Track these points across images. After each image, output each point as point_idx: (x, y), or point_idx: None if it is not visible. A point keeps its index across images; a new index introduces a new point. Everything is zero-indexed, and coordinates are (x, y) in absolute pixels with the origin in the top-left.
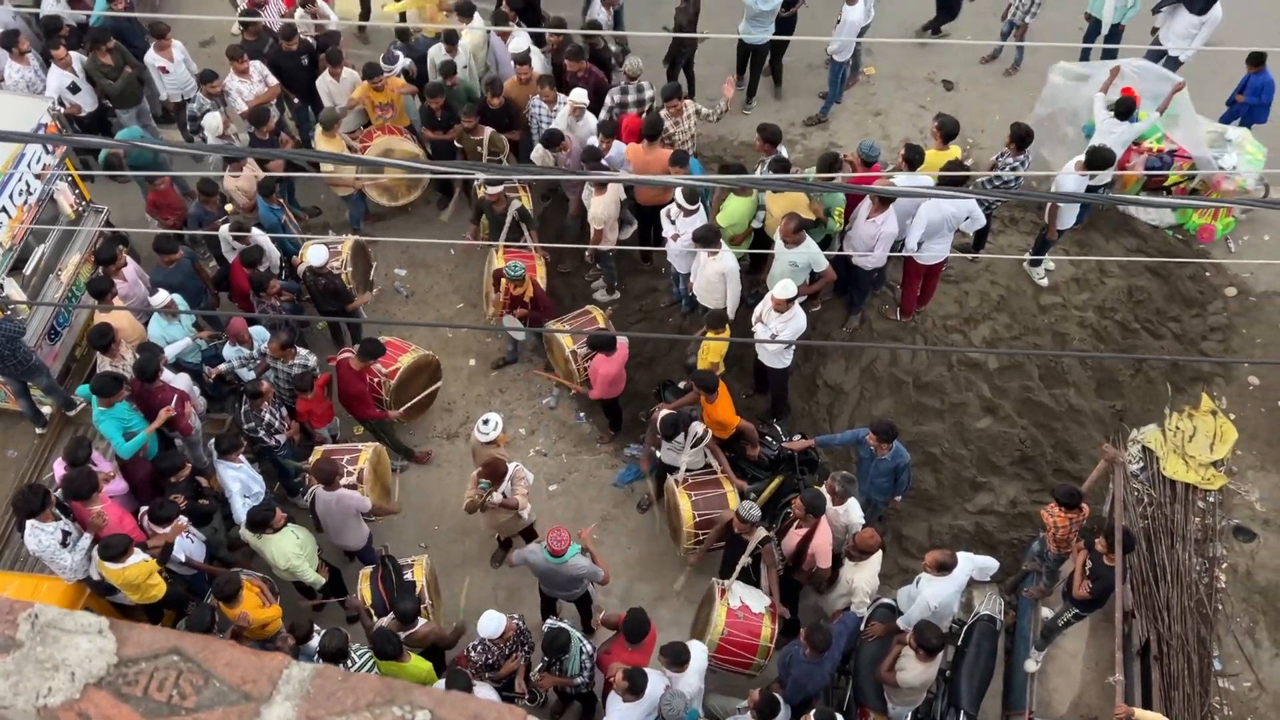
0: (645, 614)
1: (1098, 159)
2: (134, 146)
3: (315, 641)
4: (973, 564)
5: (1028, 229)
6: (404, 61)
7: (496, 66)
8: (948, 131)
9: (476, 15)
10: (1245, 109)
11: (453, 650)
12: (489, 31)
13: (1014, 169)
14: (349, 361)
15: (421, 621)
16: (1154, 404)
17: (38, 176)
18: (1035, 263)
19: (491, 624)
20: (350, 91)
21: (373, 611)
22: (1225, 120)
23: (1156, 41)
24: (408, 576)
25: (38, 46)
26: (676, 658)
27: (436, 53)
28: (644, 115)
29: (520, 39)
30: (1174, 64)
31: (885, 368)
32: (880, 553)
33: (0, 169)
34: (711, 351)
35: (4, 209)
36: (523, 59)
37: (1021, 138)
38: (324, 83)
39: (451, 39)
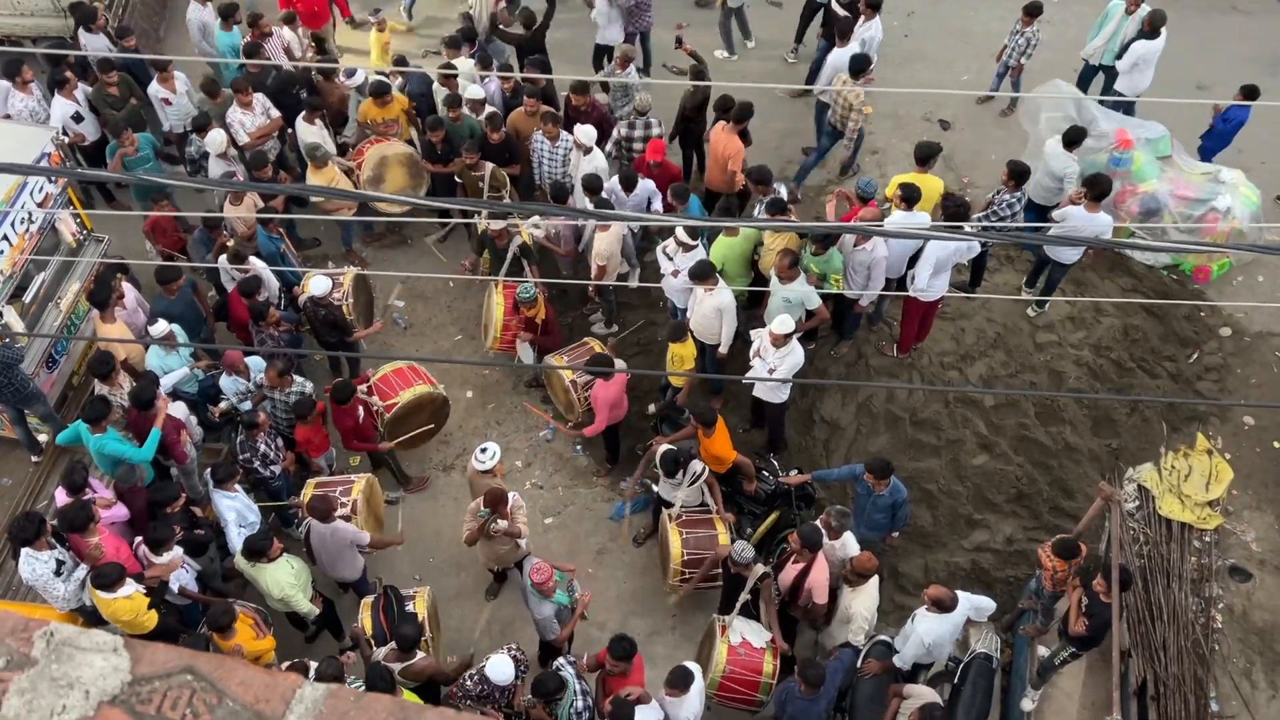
0: (628, 637)
1: (1099, 189)
2: (138, 180)
3: (309, 676)
4: (970, 604)
5: (1023, 267)
6: (361, 74)
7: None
8: (920, 155)
9: (464, 52)
10: (1212, 135)
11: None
12: (477, 67)
13: (1011, 205)
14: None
15: (420, 654)
16: (1150, 443)
17: (40, 205)
18: (1033, 285)
19: (502, 671)
20: (320, 136)
21: (373, 641)
22: (1205, 149)
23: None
24: (409, 608)
25: (42, 77)
26: (679, 681)
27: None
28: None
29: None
30: (1130, 108)
31: (882, 404)
32: (878, 579)
33: (3, 198)
34: (681, 361)
35: (5, 237)
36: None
37: (1018, 174)
38: (306, 132)
39: (448, 75)
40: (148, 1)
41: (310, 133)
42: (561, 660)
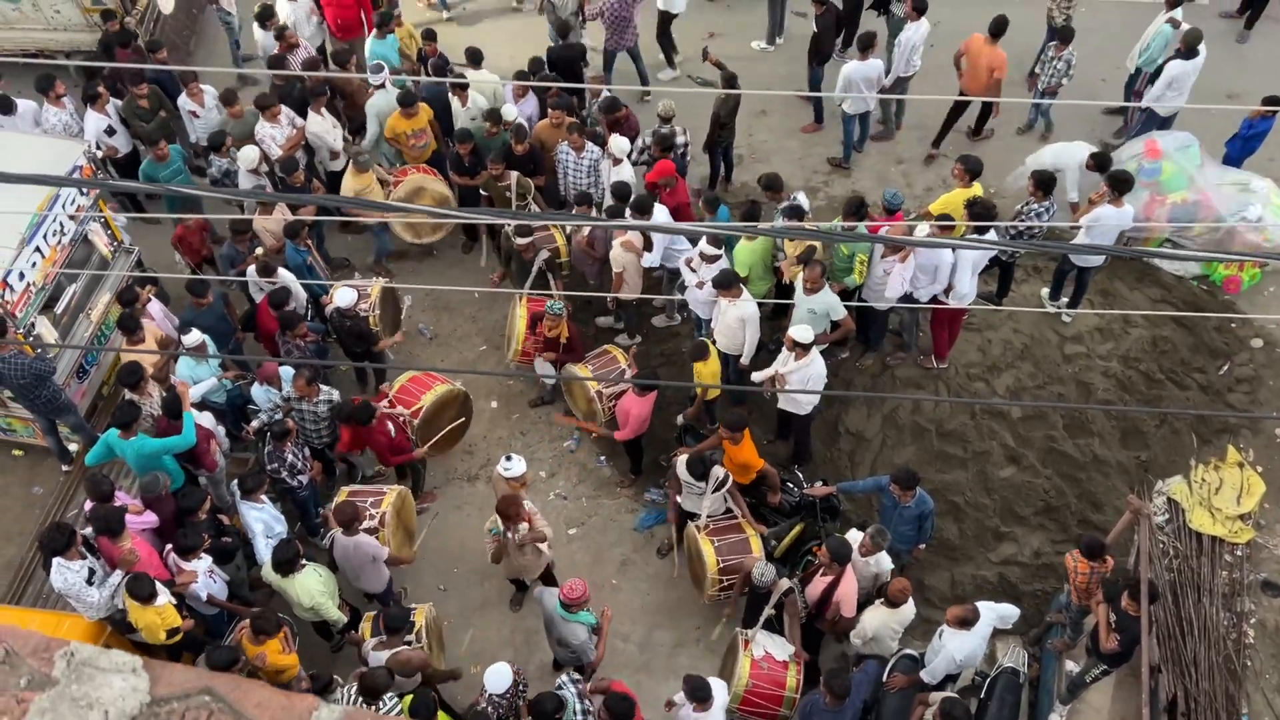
0: (629, 699)
1: (1122, 184)
2: (167, 191)
3: (338, 694)
4: (994, 614)
5: (1051, 278)
6: (386, 73)
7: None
8: (971, 169)
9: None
10: (1233, 140)
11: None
12: (501, 82)
13: (1039, 215)
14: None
15: (407, 646)
16: (1179, 455)
17: (72, 217)
18: (1056, 297)
19: (498, 678)
20: (329, 125)
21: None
22: (1229, 157)
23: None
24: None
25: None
26: (696, 693)
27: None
28: (674, 142)
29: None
30: (1167, 122)
31: (908, 415)
32: (905, 606)
33: (35, 210)
34: (704, 378)
35: (38, 249)
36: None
37: (1045, 184)
38: (314, 121)
39: (462, 87)
40: (178, 17)
41: (317, 123)
42: (563, 679)
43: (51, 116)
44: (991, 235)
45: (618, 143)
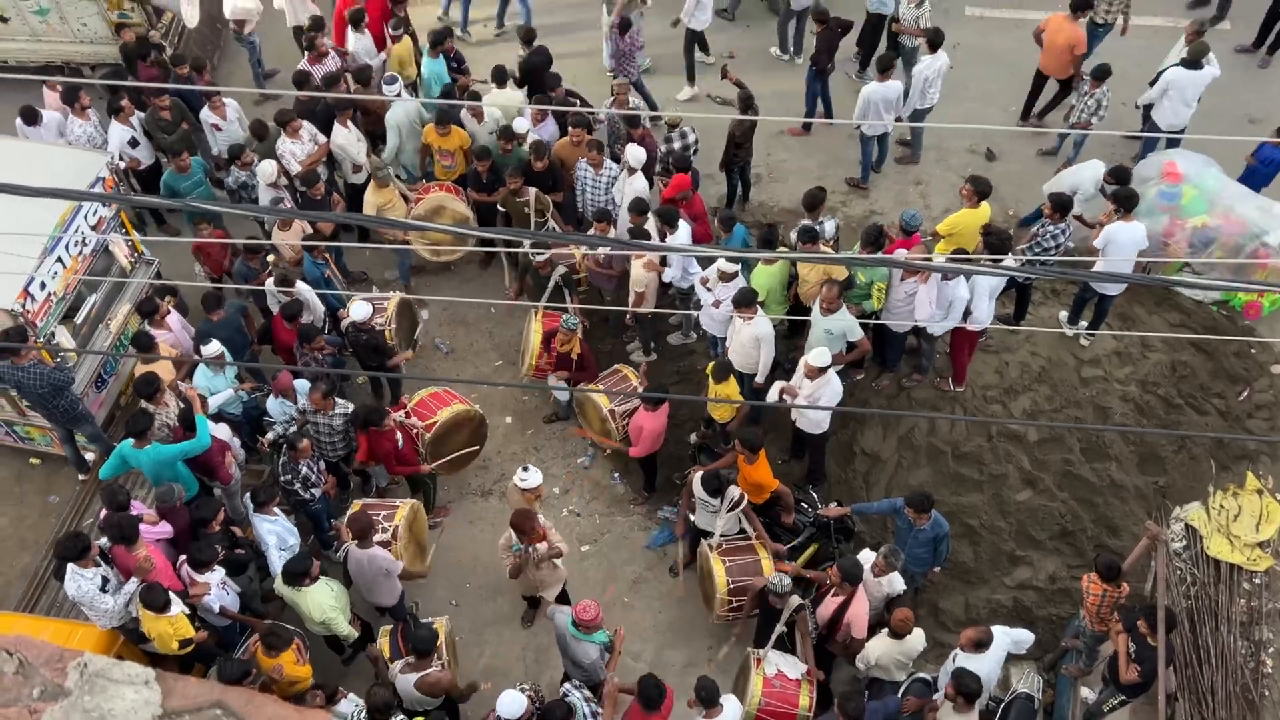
0: (659, 680)
1: (1128, 201)
2: (187, 208)
3: (343, 705)
4: (1009, 638)
5: (1069, 300)
6: (400, 84)
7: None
8: (980, 190)
9: (510, 84)
10: (1249, 172)
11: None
12: (523, 103)
13: (1055, 237)
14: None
15: (435, 666)
16: (1198, 481)
17: (93, 228)
18: (1075, 321)
19: (512, 705)
20: (353, 138)
21: (390, 664)
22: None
23: (1153, 127)
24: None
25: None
26: (703, 695)
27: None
28: (690, 159)
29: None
30: (1177, 142)
31: (924, 436)
32: (911, 638)
33: (58, 221)
34: (725, 394)
35: (60, 259)
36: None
37: (1062, 206)
38: (339, 134)
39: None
40: (202, 32)
41: (343, 135)
42: (568, 686)
43: (76, 128)
44: (1008, 262)
45: (634, 152)
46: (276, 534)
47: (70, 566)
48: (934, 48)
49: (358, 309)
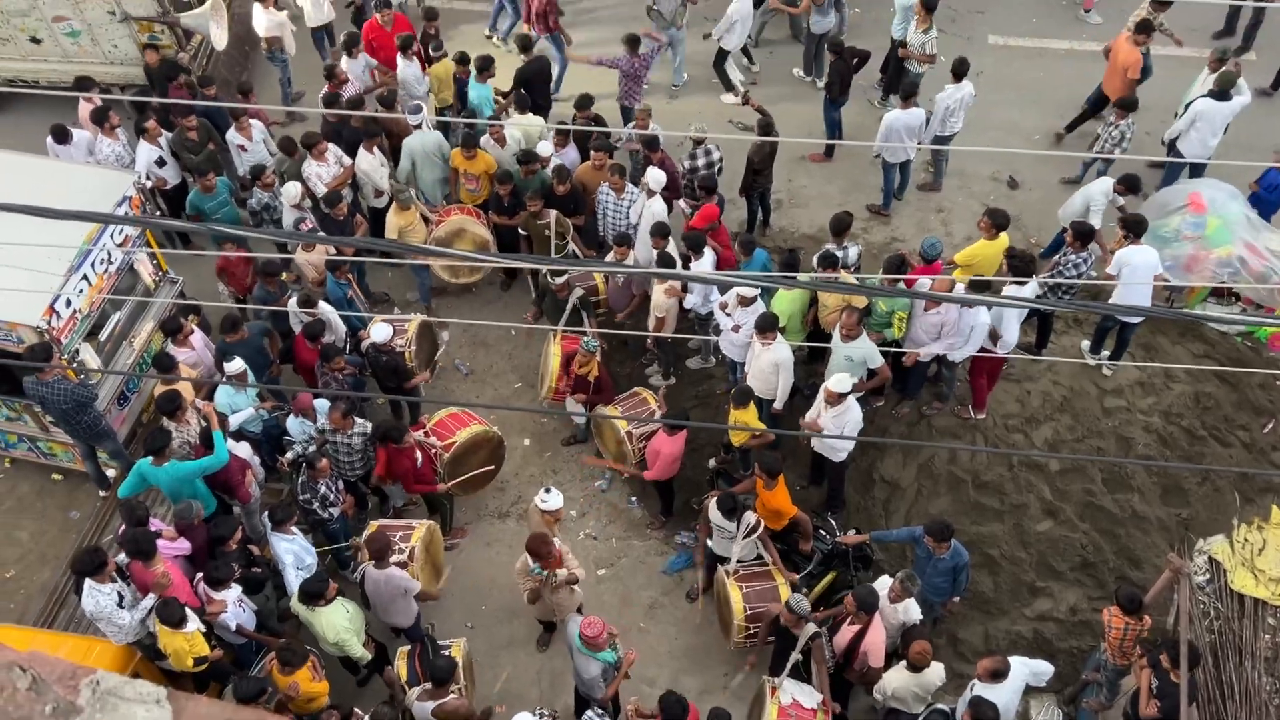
0: (680, 695)
1: (1138, 227)
2: (211, 230)
3: None
4: (1028, 669)
5: (1092, 329)
6: (424, 113)
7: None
8: (998, 222)
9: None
10: (1254, 200)
11: None
12: (545, 126)
13: (1077, 266)
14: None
15: (453, 695)
16: (1222, 514)
17: (119, 246)
18: (1097, 350)
19: None
20: (377, 164)
21: (406, 687)
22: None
23: (1177, 156)
24: (445, 654)
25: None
26: None
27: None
28: (715, 177)
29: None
30: (1201, 171)
31: (944, 465)
32: (930, 671)
33: (85, 238)
34: (744, 420)
35: (85, 277)
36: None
37: (1084, 234)
38: (364, 159)
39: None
40: (230, 54)
41: (367, 160)
42: (590, 714)
43: (105, 147)
44: (1032, 285)
45: (654, 175)
46: (294, 553)
47: (87, 582)
48: (958, 76)
49: (378, 330)
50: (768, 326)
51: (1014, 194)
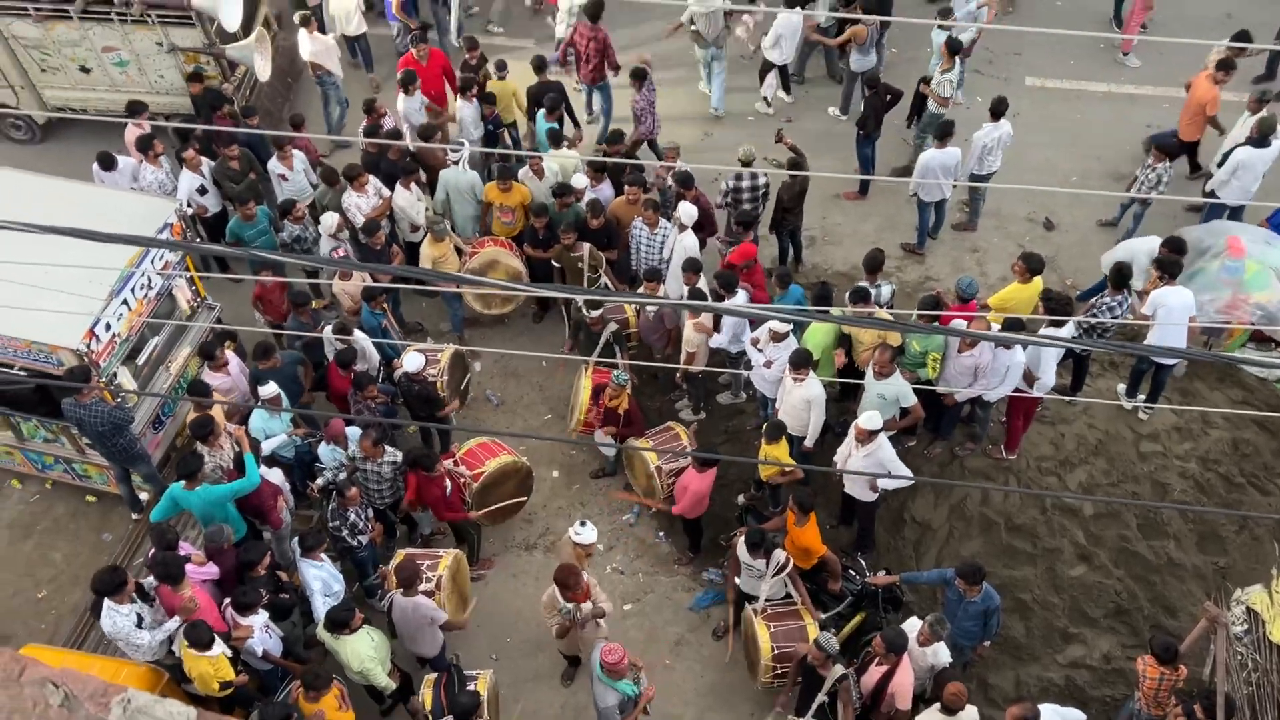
0: None
1: (1173, 268)
2: (250, 256)
3: None
4: (1059, 717)
5: (1127, 372)
6: (466, 150)
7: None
8: (1032, 266)
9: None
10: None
11: None
12: (579, 159)
13: (1112, 309)
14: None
15: None
16: (1260, 563)
17: (159, 272)
18: (1133, 394)
19: None
20: (414, 200)
21: (431, 717)
22: None
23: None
24: (471, 687)
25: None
26: None
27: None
28: (759, 203)
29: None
30: (1238, 214)
31: (976, 506)
32: (964, 714)
33: (126, 263)
34: (775, 457)
35: (125, 302)
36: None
37: (1121, 277)
38: (400, 196)
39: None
40: (273, 85)
41: (404, 197)
42: None
43: (148, 174)
44: (1069, 327)
45: (685, 209)
46: (322, 579)
47: (106, 602)
48: (996, 116)
49: (411, 360)
50: (801, 362)
51: (1050, 235)
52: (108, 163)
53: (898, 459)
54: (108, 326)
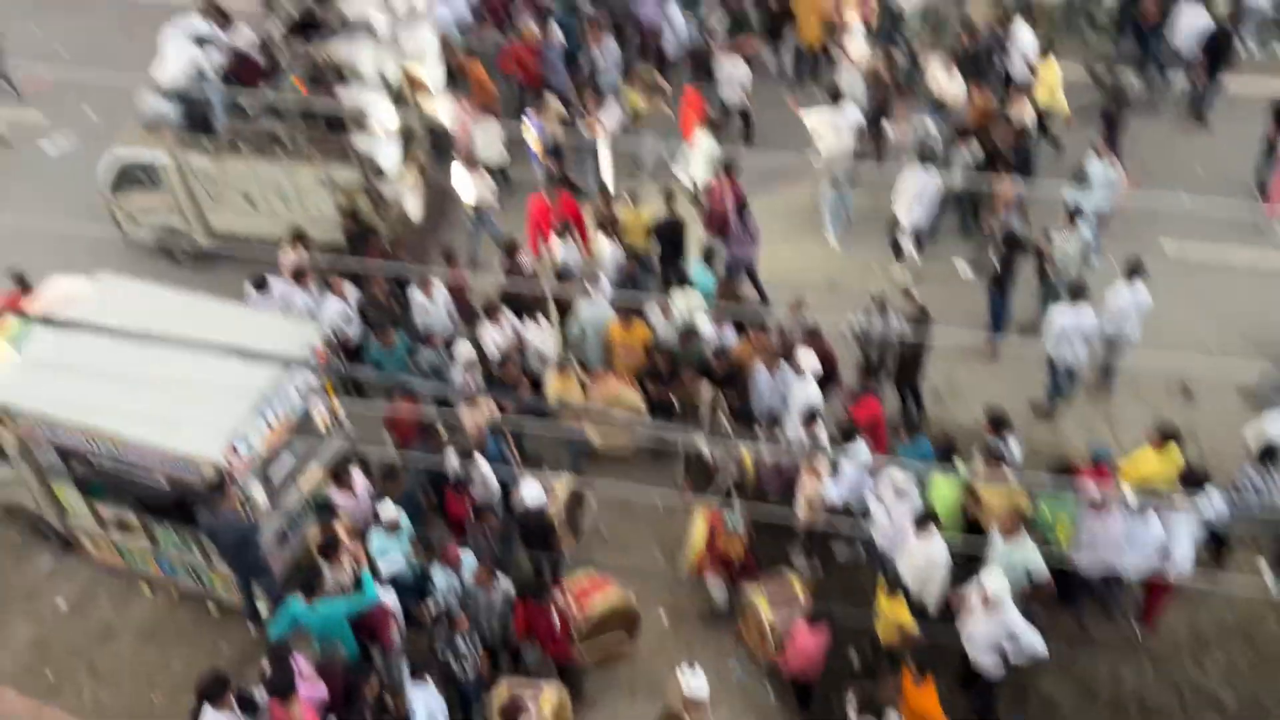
0: None
1: None
2: (390, 381)
3: None
4: None
5: (1270, 552)
6: (605, 285)
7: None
8: (1166, 433)
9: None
10: None
11: None
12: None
13: (1257, 486)
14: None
15: None
16: None
17: (300, 394)
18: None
19: None
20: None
21: None
22: None
23: None
24: None
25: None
26: None
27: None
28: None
29: None
30: None
31: (1106, 686)
32: None
33: (270, 383)
34: (891, 618)
35: (266, 421)
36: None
37: (1271, 452)
38: (533, 330)
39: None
40: (423, 225)
41: (536, 331)
42: None
43: (298, 298)
44: (1212, 504)
45: (807, 358)
46: (427, 705)
47: (206, 707)
48: (1130, 277)
49: (530, 491)
50: (925, 519)
51: (1188, 405)
52: (260, 284)
53: (1027, 626)
54: (248, 444)
